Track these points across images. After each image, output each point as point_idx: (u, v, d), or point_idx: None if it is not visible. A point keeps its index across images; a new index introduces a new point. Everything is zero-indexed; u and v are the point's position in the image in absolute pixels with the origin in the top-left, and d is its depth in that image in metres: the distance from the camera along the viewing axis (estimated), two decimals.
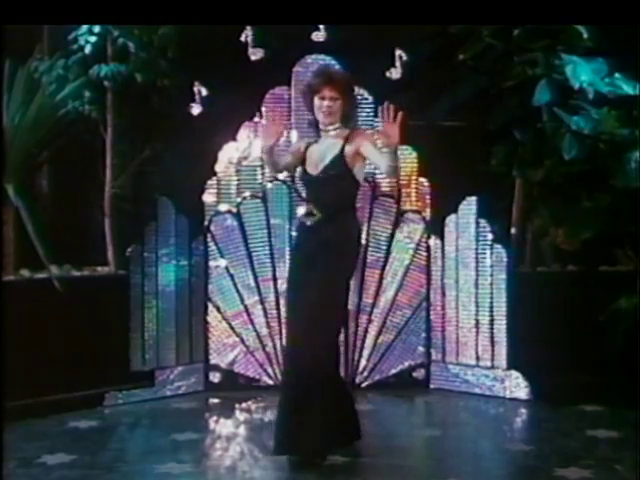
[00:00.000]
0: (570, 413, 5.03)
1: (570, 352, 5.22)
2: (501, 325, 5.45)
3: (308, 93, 4.23)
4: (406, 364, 5.68)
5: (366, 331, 5.64)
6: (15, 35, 5.02)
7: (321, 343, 4.05)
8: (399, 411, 4.74)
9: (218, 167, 5.61)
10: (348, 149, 4.13)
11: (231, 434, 4.77)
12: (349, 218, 4.24)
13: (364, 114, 5.46)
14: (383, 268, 5.64)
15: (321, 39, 5.51)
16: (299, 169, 4.38)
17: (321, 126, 4.22)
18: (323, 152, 4.19)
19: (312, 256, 4.13)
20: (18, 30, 5.04)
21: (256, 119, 5.63)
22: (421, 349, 5.70)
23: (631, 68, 5.10)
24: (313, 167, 4.21)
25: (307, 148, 4.28)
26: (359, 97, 4.65)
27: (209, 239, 5.61)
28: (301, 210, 4.25)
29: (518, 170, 5.42)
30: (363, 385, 5.61)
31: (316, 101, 4.16)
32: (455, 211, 5.62)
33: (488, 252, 5.50)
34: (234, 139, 5.63)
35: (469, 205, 5.57)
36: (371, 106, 5.53)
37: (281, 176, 5.62)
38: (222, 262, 5.62)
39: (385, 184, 5.61)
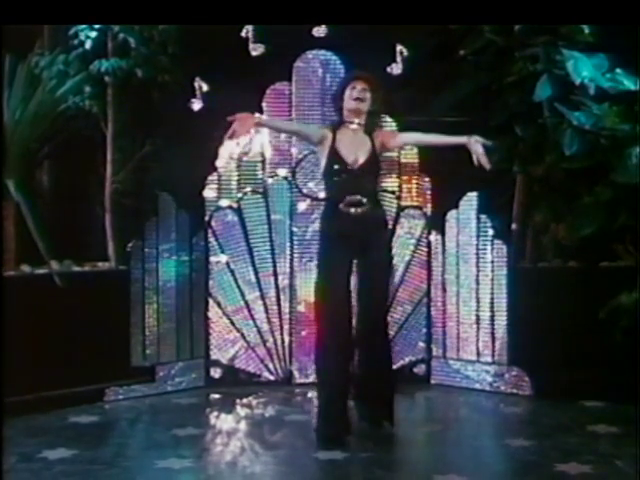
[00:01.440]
0: (570, 409, 5.02)
1: (570, 348, 5.22)
2: (502, 321, 5.45)
3: (339, 89, 4.62)
4: (407, 360, 5.68)
5: None
6: (16, 30, 5.02)
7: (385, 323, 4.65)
8: (400, 407, 4.73)
9: (219, 163, 5.61)
10: (377, 144, 4.56)
11: (232, 429, 4.77)
12: (381, 203, 4.78)
13: None
14: None
15: (322, 34, 5.50)
16: (328, 162, 4.52)
17: (347, 117, 4.55)
18: (355, 147, 4.52)
19: (361, 242, 4.48)
20: (19, 26, 5.03)
21: (257, 115, 5.62)
22: (422, 345, 5.71)
23: (632, 64, 5.09)
24: (351, 161, 4.50)
25: (334, 141, 4.52)
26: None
27: (210, 235, 5.60)
28: (342, 201, 4.46)
29: (519, 166, 5.43)
30: None
31: (347, 92, 4.54)
32: (456, 207, 5.61)
33: (489, 248, 5.50)
34: None
35: (470, 201, 5.57)
36: None
37: (282, 172, 5.63)
38: (223, 258, 5.62)
39: (385, 180, 5.59)
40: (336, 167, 4.52)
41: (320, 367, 4.56)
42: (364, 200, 4.46)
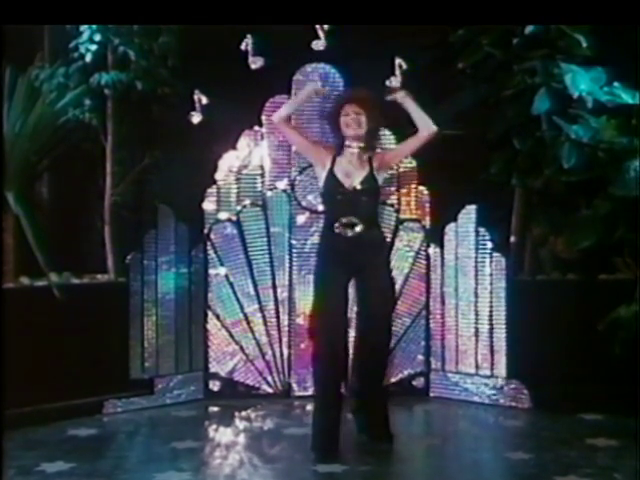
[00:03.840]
0: (569, 422, 5.02)
1: (569, 360, 5.23)
2: (500, 333, 5.45)
3: (333, 115, 4.61)
4: (405, 372, 5.67)
5: None
6: (16, 43, 5.04)
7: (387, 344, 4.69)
8: (398, 420, 4.73)
9: (218, 175, 5.61)
10: (376, 165, 4.57)
11: (230, 442, 4.76)
12: (379, 224, 4.78)
13: None
14: None
15: (321, 48, 5.50)
16: (325, 185, 4.58)
17: (347, 142, 4.56)
18: (352, 169, 4.53)
19: (356, 264, 4.48)
20: (19, 38, 5.05)
21: (256, 127, 5.64)
22: (420, 357, 5.70)
23: (630, 77, 5.11)
24: (347, 183, 4.52)
25: (333, 163, 4.55)
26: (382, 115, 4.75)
27: (209, 247, 5.61)
28: (337, 222, 4.48)
29: (517, 179, 5.43)
30: None
31: (342, 119, 4.54)
32: (454, 220, 5.62)
33: (487, 260, 5.51)
34: (234, 147, 5.64)
35: (468, 214, 5.58)
36: None
37: (281, 185, 5.64)
38: (222, 270, 5.62)
39: (384, 193, 5.60)
40: (332, 189, 4.55)
41: (315, 382, 4.59)
42: (358, 222, 4.46)
